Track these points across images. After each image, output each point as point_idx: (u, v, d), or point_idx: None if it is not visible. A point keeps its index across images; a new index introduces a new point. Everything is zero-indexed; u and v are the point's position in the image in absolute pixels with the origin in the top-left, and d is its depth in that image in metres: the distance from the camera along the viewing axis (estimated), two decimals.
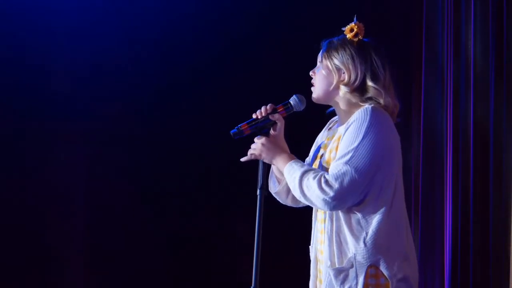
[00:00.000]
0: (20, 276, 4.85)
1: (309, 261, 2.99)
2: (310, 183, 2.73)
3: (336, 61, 2.87)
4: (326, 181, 2.70)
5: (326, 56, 2.89)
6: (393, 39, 4.66)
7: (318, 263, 2.91)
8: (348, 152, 2.71)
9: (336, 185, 2.68)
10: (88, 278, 4.98)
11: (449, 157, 4.19)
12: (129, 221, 5.00)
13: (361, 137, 2.71)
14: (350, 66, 2.84)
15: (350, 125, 2.77)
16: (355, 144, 2.71)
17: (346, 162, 2.70)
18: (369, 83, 2.83)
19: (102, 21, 4.96)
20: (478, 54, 4.04)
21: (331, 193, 2.69)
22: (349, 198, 2.70)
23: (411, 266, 2.82)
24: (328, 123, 3.09)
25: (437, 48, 4.39)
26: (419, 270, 4.39)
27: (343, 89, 2.85)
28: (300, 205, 3.08)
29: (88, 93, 4.96)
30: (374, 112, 2.75)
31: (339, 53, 2.86)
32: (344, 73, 2.85)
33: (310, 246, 2.99)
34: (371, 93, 2.82)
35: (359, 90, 2.85)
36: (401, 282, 2.75)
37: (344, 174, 2.69)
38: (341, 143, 2.78)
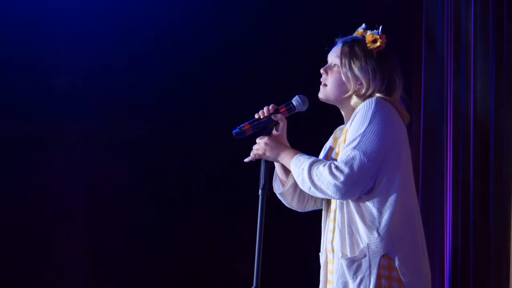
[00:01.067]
0: (20, 276, 4.84)
1: (318, 266, 2.97)
2: (320, 171, 2.74)
3: (357, 72, 2.86)
4: (336, 167, 2.71)
5: (347, 63, 2.88)
6: (393, 39, 4.65)
7: (328, 264, 2.90)
8: (355, 138, 2.73)
9: (346, 170, 2.70)
10: (88, 278, 4.98)
11: (449, 156, 4.19)
12: (129, 221, 4.99)
13: (368, 122, 2.73)
14: (370, 81, 2.85)
15: (355, 116, 2.79)
16: (362, 129, 2.73)
17: (354, 147, 2.72)
18: (378, 94, 2.84)
19: (102, 21, 4.95)
20: (478, 53, 4.04)
21: (342, 178, 2.70)
22: (359, 182, 2.71)
23: (425, 262, 2.81)
24: (335, 131, 3.09)
25: (437, 48, 4.39)
26: None
27: (354, 99, 2.87)
28: (306, 210, 3.08)
29: (88, 93, 4.96)
30: (378, 101, 2.78)
31: (361, 64, 2.86)
32: (360, 84, 2.86)
33: (320, 253, 2.96)
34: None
35: (368, 96, 2.86)
36: (414, 277, 2.73)
37: (353, 158, 2.70)
38: (348, 133, 2.79)
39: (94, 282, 5.00)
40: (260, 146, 2.91)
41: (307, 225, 4.18)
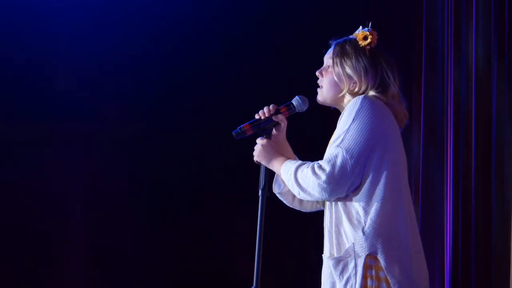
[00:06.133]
0: (19, 276, 4.85)
1: (318, 267, 2.96)
2: (305, 173, 2.74)
3: (349, 70, 2.87)
4: (320, 166, 2.71)
5: (338, 63, 2.89)
6: (393, 39, 4.66)
7: None
8: (339, 136, 2.73)
9: (328, 168, 2.69)
10: (88, 278, 4.98)
11: (449, 157, 4.19)
12: (129, 221, 5.00)
13: (351, 120, 2.73)
14: (362, 78, 2.85)
15: (342, 114, 2.79)
16: (346, 127, 2.73)
17: (338, 145, 2.71)
18: (371, 92, 2.84)
19: (102, 22, 4.96)
20: (479, 53, 4.04)
21: (324, 177, 2.69)
22: (343, 180, 2.69)
23: (417, 261, 2.77)
24: None
25: (437, 48, 4.39)
26: None
27: (347, 97, 2.88)
28: (308, 210, 3.06)
29: (88, 93, 4.97)
30: (365, 98, 2.77)
31: (353, 62, 2.86)
32: (355, 82, 2.86)
33: (323, 255, 2.95)
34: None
35: (360, 94, 2.86)
36: (403, 277, 2.70)
37: (335, 156, 2.70)
38: (335, 132, 2.80)
39: (94, 282, 5.00)
40: (256, 149, 2.91)
41: (307, 225, 4.18)
